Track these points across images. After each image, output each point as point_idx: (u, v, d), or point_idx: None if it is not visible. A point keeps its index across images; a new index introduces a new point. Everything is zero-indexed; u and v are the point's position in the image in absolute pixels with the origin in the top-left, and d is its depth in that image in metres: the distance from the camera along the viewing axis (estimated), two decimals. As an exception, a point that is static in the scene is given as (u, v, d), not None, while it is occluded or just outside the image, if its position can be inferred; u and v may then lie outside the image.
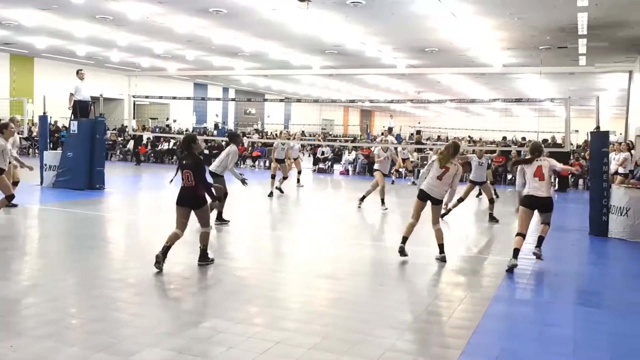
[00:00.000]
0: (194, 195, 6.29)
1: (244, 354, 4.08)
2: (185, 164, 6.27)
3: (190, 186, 6.26)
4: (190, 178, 6.22)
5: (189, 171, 6.22)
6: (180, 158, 6.51)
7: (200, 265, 6.51)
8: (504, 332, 4.79)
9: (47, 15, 17.57)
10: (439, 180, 6.99)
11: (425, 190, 7.07)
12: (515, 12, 14.73)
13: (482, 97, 34.65)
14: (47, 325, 4.52)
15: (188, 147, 6.42)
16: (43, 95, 15.69)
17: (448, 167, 7.00)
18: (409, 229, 7.21)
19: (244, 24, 17.53)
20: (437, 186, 7.02)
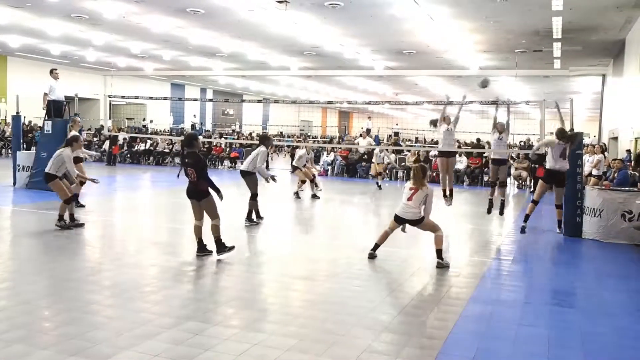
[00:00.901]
0: (196, 189, 6.85)
1: (221, 356, 4.05)
2: (187, 162, 6.79)
3: (193, 181, 6.82)
4: (193, 175, 6.78)
5: (191, 169, 6.76)
6: (183, 156, 6.95)
7: (220, 254, 6.93)
8: (480, 332, 4.83)
9: (20, 13, 17.28)
10: (410, 202, 7.04)
11: (400, 215, 7.16)
12: (491, 16, 14.92)
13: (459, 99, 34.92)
14: (18, 329, 4.43)
15: (190, 145, 6.88)
16: (16, 94, 15.42)
17: (417, 188, 7.07)
18: (383, 238, 7.31)
19: (222, 24, 17.47)
20: (409, 207, 7.06)
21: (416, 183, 7.09)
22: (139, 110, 34.54)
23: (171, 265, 6.74)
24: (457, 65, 23.52)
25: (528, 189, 18.26)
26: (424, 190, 7.06)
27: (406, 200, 7.08)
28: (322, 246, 8.45)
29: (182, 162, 6.96)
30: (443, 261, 7.01)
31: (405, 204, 7.10)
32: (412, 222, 7.17)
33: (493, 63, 22.65)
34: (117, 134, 23.69)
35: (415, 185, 7.08)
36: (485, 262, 7.50)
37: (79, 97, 14.66)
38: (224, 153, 23.92)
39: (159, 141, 24.30)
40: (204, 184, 6.84)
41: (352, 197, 14.78)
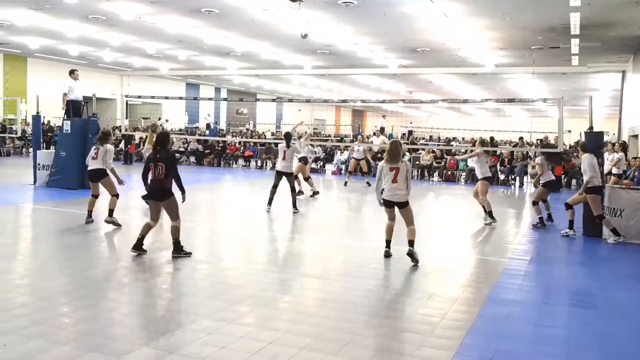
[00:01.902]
0: (160, 187, 6.75)
1: (236, 354, 4.07)
2: (159, 157, 6.74)
3: (159, 179, 6.72)
4: (162, 170, 6.69)
5: (162, 164, 6.70)
6: (155, 153, 6.87)
7: (174, 258, 6.81)
8: (497, 333, 4.79)
9: (39, 15, 17.48)
10: (395, 183, 6.89)
11: (387, 198, 7.01)
12: (507, 12, 14.79)
13: (474, 97, 34.74)
14: (38, 325, 4.49)
15: (163, 143, 6.88)
16: (36, 95, 15.61)
17: (398, 167, 6.91)
18: (389, 232, 7.22)
19: (236, 24, 17.51)
20: (395, 190, 6.91)
21: (394, 160, 6.91)
22: (154, 110, 34.77)
23: (185, 264, 6.78)
24: (471, 63, 23.35)
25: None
26: (404, 166, 6.92)
27: (391, 182, 6.91)
28: (335, 245, 8.44)
29: (154, 160, 6.83)
30: (415, 253, 6.87)
31: (391, 186, 6.92)
32: (399, 204, 6.97)
33: (509, 60, 22.45)
34: (133, 133, 23.86)
35: (395, 164, 6.91)
36: (502, 262, 7.45)
37: (96, 97, 14.79)
38: (238, 152, 24.00)
39: (174, 140, 24.45)
40: (170, 182, 6.80)
41: (364, 196, 14.73)
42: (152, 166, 6.81)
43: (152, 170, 6.80)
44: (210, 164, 23.48)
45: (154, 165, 6.78)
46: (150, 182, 6.92)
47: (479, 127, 36.05)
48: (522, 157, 18.72)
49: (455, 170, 19.95)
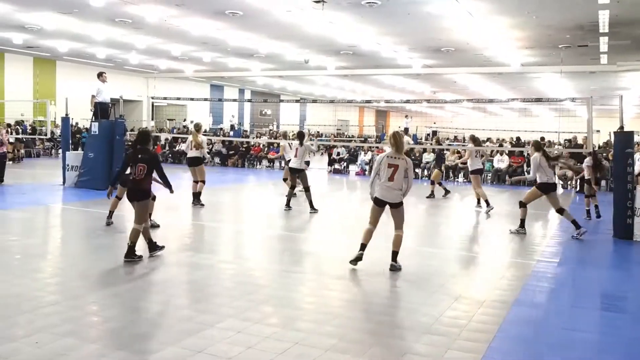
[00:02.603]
0: (138, 188, 6.56)
1: (262, 354, 4.08)
2: (140, 158, 6.55)
3: (139, 179, 6.53)
4: (142, 171, 6.51)
5: (143, 164, 6.52)
6: (135, 152, 6.65)
7: (126, 262, 6.52)
8: (526, 336, 4.72)
9: (68, 19, 17.81)
10: (392, 182, 6.40)
11: (382, 197, 6.46)
12: (533, 11, 14.60)
13: (500, 96, 34.37)
14: (68, 323, 4.57)
15: (144, 142, 6.71)
16: (65, 97, 15.88)
17: (397, 164, 6.38)
18: (368, 236, 6.59)
19: (260, 25, 17.61)
20: (391, 189, 6.43)
21: (398, 153, 6.38)
22: (179, 111, 35.15)
23: (209, 264, 6.84)
24: (497, 62, 23.11)
25: (574, 189, 17.78)
26: (404, 163, 6.40)
27: (387, 180, 6.38)
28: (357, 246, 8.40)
29: (134, 159, 6.59)
30: (397, 264, 6.51)
31: (386, 185, 6.40)
32: (392, 204, 6.48)
33: (535, 59, 22.15)
34: (158, 134, 24.15)
35: (396, 162, 6.37)
36: (530, 264, 7.34)
37: (123, 99, 15.00)
38: (262, 153, 24.10)
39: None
40: (149, 183, 6.63)
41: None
42: (132, 166, 6.58)
43: (132, 170, 6.58)
44: (234, 165, 23.62)
45: (133, 165, 6.56)
46: (128, 182, 6.70)
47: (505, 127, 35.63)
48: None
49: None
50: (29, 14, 17.28)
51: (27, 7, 16.37)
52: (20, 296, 5.24)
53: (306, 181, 11.17)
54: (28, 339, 4.20)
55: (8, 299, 5.15)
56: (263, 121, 42.25)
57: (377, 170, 6.55)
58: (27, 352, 3.98)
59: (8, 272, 6.12)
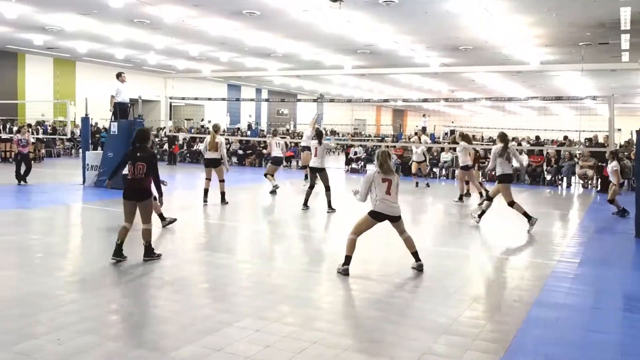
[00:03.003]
0: (139, 187, 6.45)
1: (280, 353, 4.09)
2: (140, 157, 6.43)
3: (139, 178, 6.42)
4: (142, 170, 6.40)
5: (142, 163, 6.41)
6: (134, 150, 6.53)
7: (146, 261, 6.52)
8: (546, 337, 4.66)
9: (87, 20, 18.01)
10: (389, 195, 6.31)
11: (382, 212, 6.31)
12: (553, 8, 14.44)
13: (518, 95, 34.05)
14: (88, 321, 4.62)
15: (143, 140, 6.59)
16: (85, 97, 16.04)
17: (390, 179, 6.35)
18: (353, 247, 6.39)
19: (277, 25, 17.64)
20: (391, 202, 6.33)
21: (388, 172, 6.34)
22: (197, 111, 35.37)
23: (227, 263, 6.87)
24: (516, 60, 22.90)
25: (594, 188, 17.55)
26: (395, 177, 6.39)
27: (384, 194, 6.29)
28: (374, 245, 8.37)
29: (132, 157, 6.48)
30: (421, 261, 6.51)
31: (385, 199, 6.29)
32: (393, 218, 6.40)
33: (555, 57, 21.90)
34: (176, 134, 24.32)
35: (389, 176, 6.34)
36: (549, 264, 7.25)
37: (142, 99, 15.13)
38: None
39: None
40: (149, 182, 6.49)
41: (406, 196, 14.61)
42: (131, 164, 6.46)
43: (131, 169, 6.46)
44: (251, 165, 23.70)
45: (132, 164, 6.44)
46: (127, 182, 6.57)
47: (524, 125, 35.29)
48: (570, 156, 18.21)
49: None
50: (49, 15, 17.50)
51: (47, 8, 16.58)
52: (41, 294, 5.31)
53: (327, 181, 11.19)
54: (50, 336, 4.25)
55: (30, 296, 5.23)
56: (280, 121, 42.34)
57: (369, 186, 6.39)
58: (49, 349, 4.03)
59: (29, 271, 6.21)
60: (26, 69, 26.97)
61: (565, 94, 32.59)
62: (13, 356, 3.90)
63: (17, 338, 4.21)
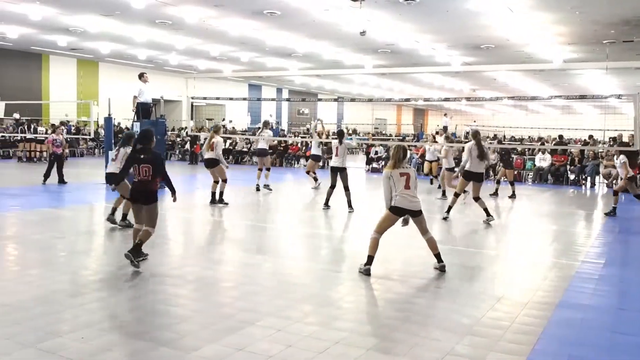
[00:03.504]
0: (146, 190, 6.33)
1: (303, 353, 4.08)
2: (143, 159, 6.29)
3: (145, 180, 6.30)
4: (148, 172, 6.27)
5: (147, 165, 6.26)
6: (135, 152, 6.41)
7: (127, 257, 6.11)
8: (571, 339, 4.59)
9: (110, 22, 18.23)
10: (409, 190, 6.27)
11: (403, 206, 6.26)
12: (576, 6, 14.23)
13: (541, 94, 33.65)
14: (112, 319, 4.67)
15: (146, 141, 6.40)
16: (108, 97, 16.23)
17: (408, 173, 6.33)
18: (376, 247, 6.34)
19: (297, 24, 17.66)
20: (411, 196, 6.28)
21: (404, 166, 6.34)
22: (218, 111, 35.59)
23: (249, 262, 6.90)
24: (538, 59, 22.62)
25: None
26: (412, 171, 6.39)
27: (403, 189, 6.24)
28: (395, 245, 8.34)
29: (134, 160, 6.32)
30: (443, 262, 6.45)
31: (404, 193, 6.24)
32: (414, 212, 6.34)
33: (578, 55, 21.59)
34: (198, 133, 24.50)
35: (406, 170, 6.33)
36: (574, 265, 7.15)
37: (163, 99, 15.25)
38: (299, 152, 24.18)
39: (238, 140, 24.93)
40: (156, 185, 6.37)
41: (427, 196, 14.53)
42: (136, 168, 6.31)
43: (136, 172, 6.32)
44: (272, 164, 23.76)
45: (137, 167, 6.30)
46: (134, 184, 6.44)
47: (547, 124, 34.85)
48: (594, 156, 17.93)
49: (522, 169, 19.34)
50: (73, 16, 17.75)
51: (71, 9, 16.82)
52: (65, 292, 5.38)
53: (346, 181, 11.15)
54: (74, 334, 4.30)
55: (54, 294, 5.30)
56: (301, 120, 42.41)
57: (389, 184, 6.33)
58: (74, 347, 4.08)
59: (54, 269, 6.30)
60: (50, 69, 27.40)
61: (589, 93, 32.09)
62: (38, 353, 3.96)
63: (42, 335, 4.27)
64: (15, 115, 23.40)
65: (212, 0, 14.97)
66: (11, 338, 4.20)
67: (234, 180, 18.48)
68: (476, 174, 9.90)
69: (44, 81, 27.27)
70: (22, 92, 25.29)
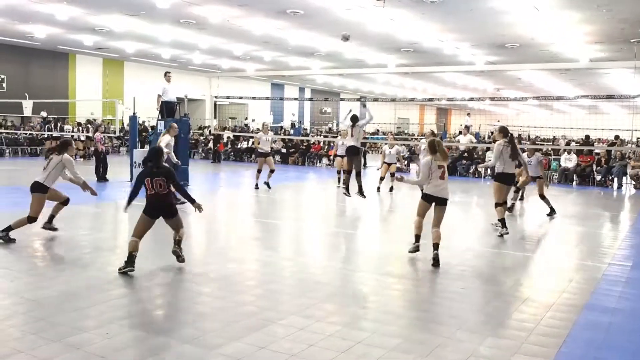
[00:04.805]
0: (164, 203, 6.30)
1: (325, 352, 4.08)
2: (156, 172, 6.24)
3: (162, 193, 6.25)
4: (162, 184, 6.22)
5: (161, 178, 6.22)
6: (149, 167, 6.35)
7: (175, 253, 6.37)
8: (597, 342, 4.51)
9: (135, 21, 18.44)
10: (442, 180, 6.83)
11: (433, 194, 6.84)
12: (603, 4, 13.98)
13: (567, 93, 33.16)
14: (136, 316, 4.72)
15: (155, 158, 6.36)
16: (133, 96, 16.42)
17: (444, 165, 6.89)
18: (420, 227, 6.99)
19: (320, 24, 17.67)
20: (442, 186, 6.83)
21: (444, 159, 6.93)
22: (241, 110, 35.80)
23: (271, 261, 6.91)
24: (564, 58, 22.28)
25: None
26: (446, 164, 6.95)
27: (438, 179, 6.82)
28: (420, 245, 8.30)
29: (147, 174, 6.28)
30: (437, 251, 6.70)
31: (437, 184, 6.81)
32: (441, 200, 6.84)
33: (605, 54, 21.22)
34: (221, 132, 24.66)
35: (443, 162, 6.87)
36: (600, 267, 7.02)
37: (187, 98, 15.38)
38: (322, 151, 24.19)
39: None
40: (171, 197, 6.41)
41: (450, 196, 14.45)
42: (149, 181, 6.23)
43: (149, 186, 6.24)
44: (295, 163, 23.84)
45: (150, 180, 6.22)
46: (149, 198, 6.31)
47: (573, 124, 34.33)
48: (621, 156, 17.60)
49: (547, 170, 19.07)
50: (99, 16, 18.00)
51: (97, 9, 17.06)
52: (91, 288, 5.46)
53: (359, 165, 11.10)
54: (99, 330, 4.36)
55: (79, 290, 5.37)
56: (323, 119, 42.42)
57: (428, 172, 6.86)
58: (99, 342, 4.13)
59: (79, 265, 6.39)
60: (77, 68, 27.84)
61: (616, 92, 31.52)
62: (64, 347, 4.02)
63: (68, 330, 4.33)
64: (42, 114, 23.82)
65: (236, 0, 15.05)
66: (37, 333, 4.27)
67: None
68: (509, 175, 8.87)
69: (71, 80, 27.72)
70: (49, 91, 25.74)
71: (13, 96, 24.03)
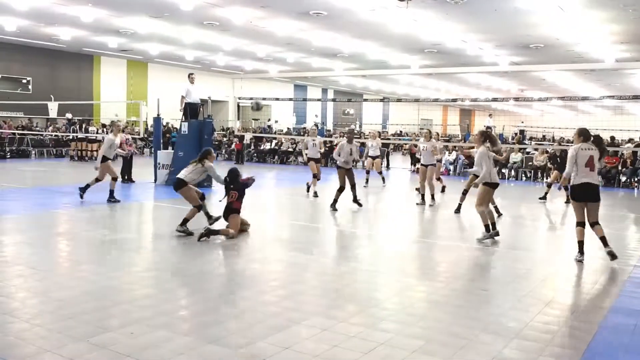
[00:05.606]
0: (232, 208, 8.34)
1: (348, 353, 4.09)
2: (233, 187, 8.38)
3: (232, 201, 8.37)
4: (234, 196, 8.36)
5: (235, 192, 8.36)
6: (228, 183, 8.41)
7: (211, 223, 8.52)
8: (623, 345, 4.45)
9: (159, 23, 18.67)
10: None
11: (497, 181, 8.24)
12: (630, 4, 13.77)
13: (592, 94, 32.66)
14: (161, 316, 4.78)
15: (233, 177, 8.42)
16: (157, 98, 16.59)
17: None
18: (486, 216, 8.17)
19: (343, 25, 17.69)
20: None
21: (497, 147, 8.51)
22: (264, 111, 35.91)
23: (296, 261, 6.95)
24: (589, 58, 21.97)
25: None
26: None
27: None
28: (440, 247, 8.26)
29: (228, 188, 8.41)
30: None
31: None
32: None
33: (631, 54, 20.87)
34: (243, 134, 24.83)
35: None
36: (626, 269, 6.92)
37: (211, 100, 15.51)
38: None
39: (283, 140, 25.13)
40: (239, 204, 8.39)
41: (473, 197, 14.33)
42: (226, 191, 8.41)
43: (228, 196, 8.38)
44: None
45: (227, 191, 8.41)
46: (227, 204, 8.41)
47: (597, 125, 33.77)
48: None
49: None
50: (123, 18, 18.26)
51: (121, 11, 17.31)
52: (115, 288, 5.55)
53: (353, 179, 11.35)
54: (124, 330, 4.42)
55: (104, 290, 5.46)
56: (346, 120, 42.41)
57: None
58: (123, 342, 4.19)
59: (104, 265, 6.49)
60: (101, 70, 28.28)
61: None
62: (89, 347, 4.08)
63: (93, 330, 4.40)
64: (67, 115, 24.22)
65: (259, 2, 15.16)
66: (63, 332, 4.35)
67: (281, 180, 18.63)
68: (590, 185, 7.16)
69: (95, 82, 28.15)
70: (74, 93, 26.18)
71: (39, 98, 24.49)
